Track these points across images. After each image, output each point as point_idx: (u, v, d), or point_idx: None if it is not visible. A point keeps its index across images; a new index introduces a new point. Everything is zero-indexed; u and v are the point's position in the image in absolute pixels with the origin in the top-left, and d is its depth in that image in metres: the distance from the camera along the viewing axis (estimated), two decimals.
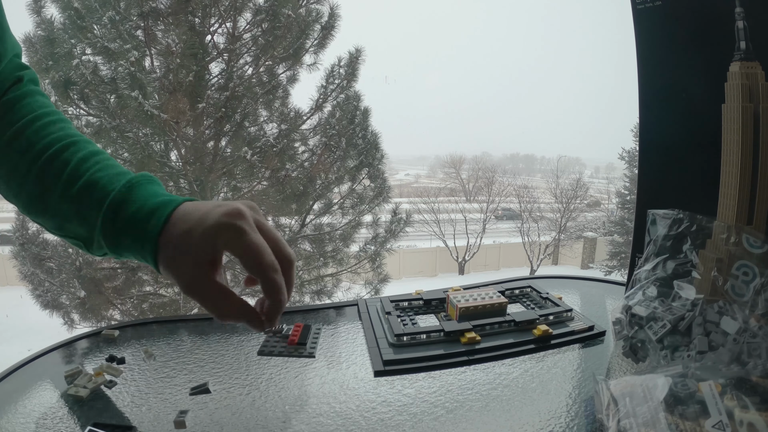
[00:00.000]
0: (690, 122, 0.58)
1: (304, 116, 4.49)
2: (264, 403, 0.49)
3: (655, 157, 0.63)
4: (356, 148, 4.68)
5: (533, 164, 40.73)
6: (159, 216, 0.37)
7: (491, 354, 0.57)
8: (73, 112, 3.78)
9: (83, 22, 3.60)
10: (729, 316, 0.47)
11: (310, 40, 4.24)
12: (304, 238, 4.77)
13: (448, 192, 18.96)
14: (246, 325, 0.36)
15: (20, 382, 0.53)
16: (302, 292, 4.81)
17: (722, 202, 0.53)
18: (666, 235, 0.56)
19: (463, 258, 14.63)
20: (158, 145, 4.15)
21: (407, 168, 36.03)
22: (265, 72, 4.31)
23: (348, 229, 4.90)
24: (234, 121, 4.11)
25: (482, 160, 21.80)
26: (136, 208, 0.37)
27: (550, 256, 14.93)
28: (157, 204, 0.37)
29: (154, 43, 3.87)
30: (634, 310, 0.55)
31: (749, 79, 0.50)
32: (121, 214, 0.37)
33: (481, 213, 15.80)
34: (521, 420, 0.46)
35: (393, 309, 0.67)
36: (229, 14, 4.07)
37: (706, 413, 0.38)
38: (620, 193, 12.86)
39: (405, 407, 0.48)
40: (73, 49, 3.65)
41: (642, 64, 0.61)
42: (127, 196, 0.38)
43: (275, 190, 4.33)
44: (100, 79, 3.64)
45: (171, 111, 3.74)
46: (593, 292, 0.82)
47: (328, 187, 4.74)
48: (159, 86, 3.80)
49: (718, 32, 0.52)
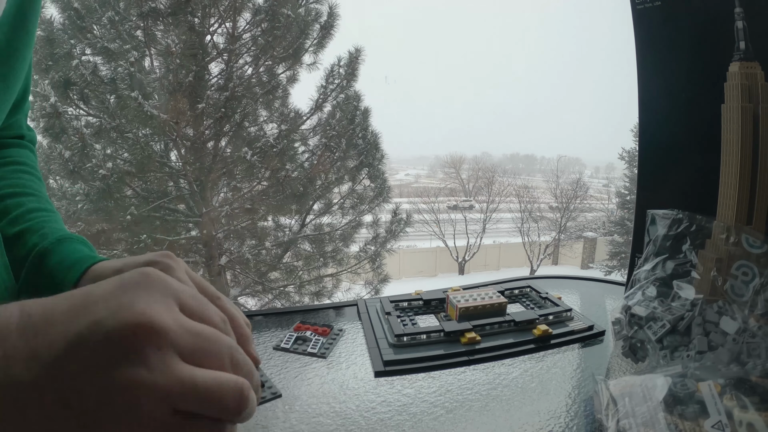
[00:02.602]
0: (690, 122, 0.58)
1: (304, 116, 4.50)
2: (264, 402, 0.49)
3: (655, 157, 0.63)
4: (356, 148, 4.68)
5: (533, 164, 40.72)
6: (77, 269, 0.37)
7: (491, 354, 0.58)
8: (73, 112, 3.78)
9: (83, 22, 3.60)
10: (728, 316, 0.47)
11: (310, 39, 4.25)
12: (304, 238, 4.77)
13: (448, 192, 18.98)
14: None
15: None
16: (302, 292, 4.82)
17: (722, 202, 0.53)
18: (665, 235, 0.56)
19: (463, 258, 14.64)
20: (158, 145, 4.15)
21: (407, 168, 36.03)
22: (265, 72, 4.31)
23: (348, 230, 4.91)
24: (234, 121, 4.11)
25: (482, 160, 21.82)
26: (59, 259, 0.38)
27: (550, 256, 14.94)
28: (79, 258, 0.38)
29: (154, 44, 3.87)
30: (634, 310, 0.55)
31: (749, 79, 0.50)
32: (45, 263, 0.38)
33: (481, 213, 15.81)
34: (521, 420, 0.47)
35: (393, 309, 0.67)
36: (229, 14, 4.08)
37: (706, 413, 0.38)
38: (620, 193, 12.87)
39: (405, 407, 0.48)
40: (73, 50, 3.65)
41: (641, 64, 0.61)
42: (55, 247, 0.39)
43: (275, 191, 4.33)
44: (100, 80, 3.64)
45: (171, 111, 3.74)
46: (593, 292, 0.82)
47: (328, 187, 4.74)
48: (159, 86, 3.80)
49: (717, 32, 0.52)
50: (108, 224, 4.08)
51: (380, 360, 0.56)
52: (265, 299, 4.79)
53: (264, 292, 4.77)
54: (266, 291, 4.76)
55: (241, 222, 4.46)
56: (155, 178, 4.21)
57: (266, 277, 4.75)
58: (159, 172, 4.13)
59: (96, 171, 3.64)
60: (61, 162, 3.65)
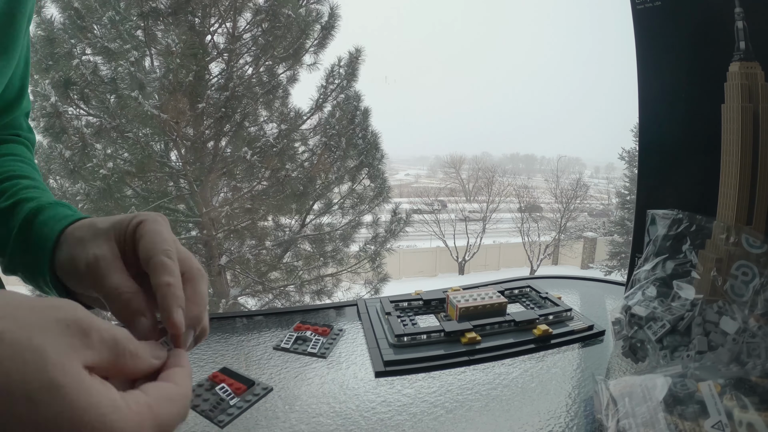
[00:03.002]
0: (690, 122, 0.58)
1: (304, 116, 4.49)
2: (264, 403, 0.49)
3: (655, 157, 0.63)
4: (356, 148, 4.68)
5: (533, 164, 40.70)
6: (61, 225, 0.36)
7: (492, 354, 0.58)
8: (73, 112, 3.78)
9: (83, 22, 3.60)
10: (728, 316, 0.47)
11: (310, 40, 4.25)
12: (304, 238, 4.77)
13: (448, 192, 18.97)
14: None
15: None
16: (302, 292, 4.82)
17: (722, 202, 0.53)
18: (665, 235, 0.56)
19: (463, 258, 14.64)
20: (158, 145, 4.15)
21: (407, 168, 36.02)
22: (265, 72, 4.31)
23: (348, 229, 4.90)
24: (234, 121, 4.11)
25: (482, 160, 21.81)
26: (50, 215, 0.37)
27: (550, 256, 14.94)
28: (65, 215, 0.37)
29: (154, 43, 3.87)
30: (634, 310, 0.55)
31: (749, 79, 0.50)
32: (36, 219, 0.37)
33: (481, 213, 15.80)
34: (521, 420, 0.47)
35: (393, 309, 0.67)
36: (229, 14, 4.08)
37: (706, 413, 0.38)
38: (620, 193, 12.87)
39: (405, 407, 0.48)
40: (73, 49, 3.65)
41: (642, 64, 0.61)
42: (47, 207, 0.38)
43: (275, 190, 4.33)
44: (100, 79, 3.64)
45: (171, 111, 3.74)
46: (593, 292, 0.82)
47: (328, 187, 4.74)
48: (159, 86, 3.80)
49: (717, 32, 0.52)
50: None
51: (380, 360, 0.56)
52: (265, 299, 4.79)
53: (264, 292, 4.77)
54: (266, 291, 4.76)
55: (241, 222, 4.45)
56: (155, 178, 4.21)
57: (266, 277, 4.75)
58: (159, 172, 4.13)
59: (96, 171, 3.64)
60: (61, 162, 3.65)
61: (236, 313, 0.72)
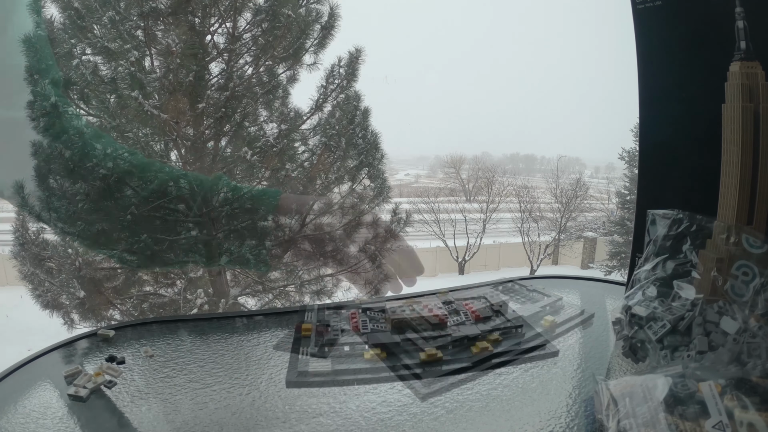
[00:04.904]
0: (690, 122, 0.58)
1: (304, 116, 4.49)
2: (264, 403, 0.49)
3: (655, 157, 0.63)
4: (356, 148, 4.68)
5: (533, 164, 40.64)
6: None
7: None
8: (72, 112, 3.78)
9: (83, 22, 3.60)
10: (729, 316, 0.47)
11: (310, 40, 4.24)
12: (304, 238, 4.77)
13: (448, 192, 18.96)
14: None
15: (20, 383, 0.53)
16: (302, 292, 4.81)
17: (722, 202, 0.53)
18: (666, 235, 0.56)
19: (463, 258, 14.63)
20: (158, 145, 4.15)
21: (407, 168, 35.98)
22: (265, 72, 4.30)
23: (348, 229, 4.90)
24: (234, 121, 4.11)
25: (482, 160, 21.78)
26: None
27: (550, 256, 14.94)
28: None
29: (154, 43, 3.87)
30: (634, 310, 0.55)
31: (749, 79, 0.50)
32: None
33: (481, 213, 15.80)
34: (521, 420, 0.46)
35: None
36: (229, 14, 4.07)
37: (706, 413, 0.38)
38: (620, 193, 12.87)
39: (405, 407, 0.48)
40: (73, 49, 3.66)
41: (642, 64, 0.61)
42: None
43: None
44: (100, 79, 3.64)
45: (171, 111, 3.74)
46: (593, 292, 0.82)
47: (328, 187, 4.74)
48: (159, 86, 3.80)
49: (718, 32, 0.52)
50: (108, 224, 4.07)
51: None
52: (265, 299, 4.79)
53: (264, 292, 4.77)
54: (266, 291, 4.76)
55: (241, 222, 4.45)
56: (155, 177, 4.20)
57: (266, 277, 4.74)
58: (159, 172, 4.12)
59: (96, 171, 3.64)
60: (62, 162, 3.64)
61: (236, 313, 0.72)
